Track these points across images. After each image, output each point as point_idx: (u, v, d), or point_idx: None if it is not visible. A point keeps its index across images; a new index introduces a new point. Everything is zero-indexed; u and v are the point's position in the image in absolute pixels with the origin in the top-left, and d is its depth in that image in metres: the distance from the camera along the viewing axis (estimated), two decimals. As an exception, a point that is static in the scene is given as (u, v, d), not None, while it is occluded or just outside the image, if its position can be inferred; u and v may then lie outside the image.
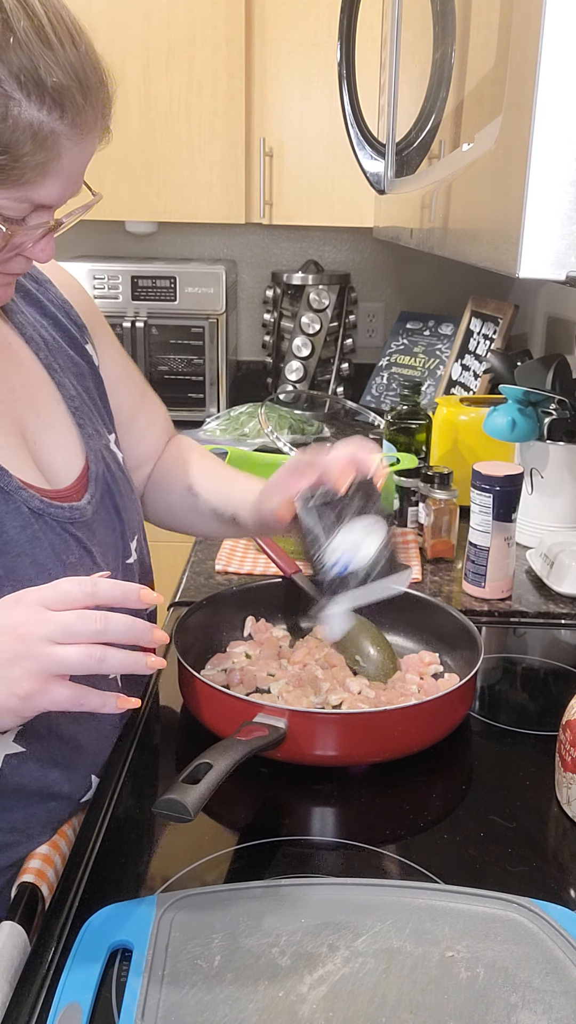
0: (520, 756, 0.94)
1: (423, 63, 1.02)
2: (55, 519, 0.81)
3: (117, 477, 0.92)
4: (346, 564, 0.80)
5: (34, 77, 0.65)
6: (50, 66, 0.66)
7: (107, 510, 0.89)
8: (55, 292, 0.94)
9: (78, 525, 0.84)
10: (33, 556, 0.78)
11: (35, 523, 0.79)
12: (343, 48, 1.33)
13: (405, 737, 0.89)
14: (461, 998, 0.62)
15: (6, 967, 0.67)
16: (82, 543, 0.83)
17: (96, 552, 0.85)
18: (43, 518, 0.80)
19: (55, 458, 0.86)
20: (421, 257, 2.53)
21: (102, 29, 2.14)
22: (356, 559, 0.80)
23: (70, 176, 0.72)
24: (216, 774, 0.73)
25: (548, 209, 0.58)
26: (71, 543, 0.82)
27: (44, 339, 0.89)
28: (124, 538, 0.92)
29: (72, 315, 0.95)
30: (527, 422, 1.41)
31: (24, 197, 0.69)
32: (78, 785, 0.85)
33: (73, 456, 0.88)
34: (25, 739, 0.79)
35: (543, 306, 2.15)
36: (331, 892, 0.72)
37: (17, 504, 0.78)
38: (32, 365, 0.87)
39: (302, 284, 2.34)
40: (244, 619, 1.14)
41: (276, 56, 2.14)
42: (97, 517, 0.87)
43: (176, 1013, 0.60)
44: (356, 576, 0.80)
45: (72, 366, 0.92)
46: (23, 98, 0.65)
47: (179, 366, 2.28)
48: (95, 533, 0.86)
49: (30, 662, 0.64)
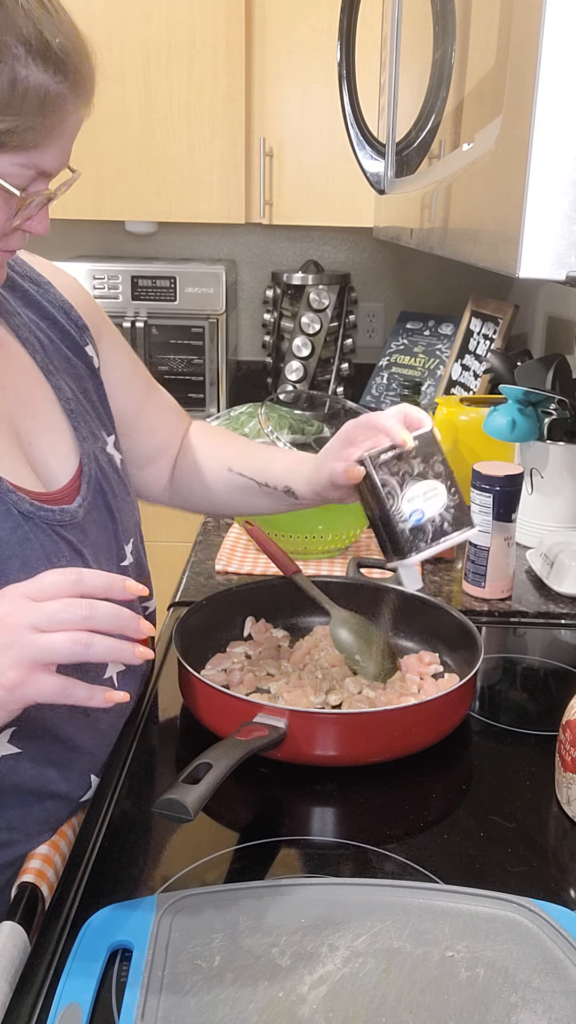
0: (520, 756, 0.94)
1: (423, 63, 1.02)
2: (45, 522, 0.81)
3: (112, 480, 0.92)
4: (423, 513, 0.86)
5: (40, 41, 0.67)
6: (54, 31, 0.68)
7: (100, 512, 0.89)
8: (55, 293, 0.94)
9: (69, 527, 0.84)
10: (24, 558, 0.78)
11: (25, 525, 0.79)
12: (343, 48, 1.33)
13: (405, 737, 0.89)
14: (461, 998, 0.62)
15: (6, 967, 0.67)
16: (73, 546, 0.83)
17: (88, 555, 0.85)
18: (33, 520, 0.80)
19: (50, 459, 0.86)
20: (421, 257, 2.53)
21: (102, 29, 2.14)
22: (430, 508, 0.86)
23: (68, 143, 0.74)
24: (216, 774, 0.73)
25: (548, 209, 0.58)
26: (62, 545, 0.82)
27: (40, 341, 0.90)
28: (118, 540, 0.92)
29: (72, 316, 0.95)
30: (527, 422, 1.41)
31: (30, 163, 0.71)
32: (76, 785, 0.85)
33: (67, 457, 0.88)
34: (20, 740, 0.79)
35: (543, 306, 2.15)
36: (331, 892, 0.72)
37: (7, 506, 0.78)
38: (28, 367, 0.87)
39: (302, 284, 2.34)
40: (244, 619, 1.14)
41: (276, 56, 2.14)
42: (90, 519, 0.87)
43: (176, 1013, 0.60)
44: (433, 523, 0.86)
45: (69, 368, 0.92)
46: (31, 61, 0.67)
47: (179, 366, 2.28)
48: (87, 535, 0.86)
49: (15, 651, 0.64)
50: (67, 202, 2.19)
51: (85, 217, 2.20)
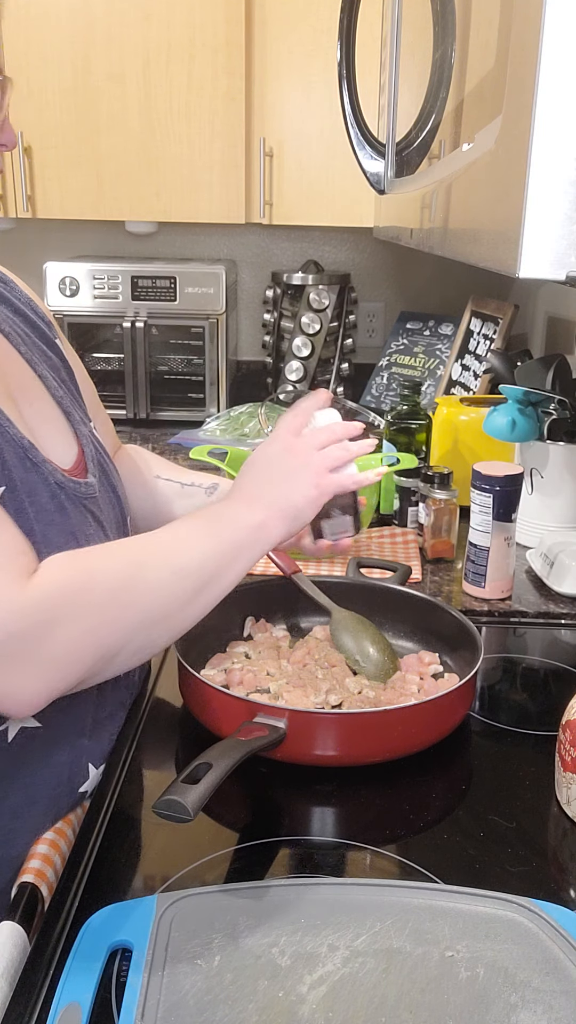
0: (520, 756, 0.94)
1: (423, 63, 1.02)
2: (75, 493, 0.84)
3: (107, 461, 0.96)
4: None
5: None
6: None
7: (107, 490, 0.93)
8: (20, 290, 0.97)
9: (91, 500, 0.87)
10: (62, 525, 0.80)
11: (61, 494, 0.82)
12: (343, 48, 1.33)
13: (405, 737, 0.89)
14: (461, 998, 0.62)
15: (6, 967, 0.67)
16: (96, 517, 0.87)
17: (108, 528, 0.89)
18: (65, 491, 0.83)
19: (53, 445, 0.88)
20: (421, 257, 2.53)
21: (102, 29, 2.14)
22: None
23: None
24: (216, 774, 0.73)
25: (548, 209, 0.58)
26: (88, 517, 0.86)
27: (19, 334, 0.91)
28: (123, 516, 0.96)
29: (39, 312, 0.98)
30: (527, 422, 1.41)
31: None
32: (76, 770, 0.86)
33: (68, 443, 0.90)
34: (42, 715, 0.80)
35: (543, 306, 2.15)
36: (331, 892, 0.72)
37: (44, 475, 0.81)
38: (15, 358, 0.89)
39: (302, 284, 2.34)
40: (244, 619, 1.14)
41: (276, 56, 2.14)
42: (102, 495, 0.91)
43: (176, 1013, 0.60)
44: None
45: (46, 360, 0.94)
46: None
47: (179, 366, 2.28)
48: (103, 510, 0.90)
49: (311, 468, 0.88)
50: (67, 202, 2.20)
51: (85, 217, 2.20)
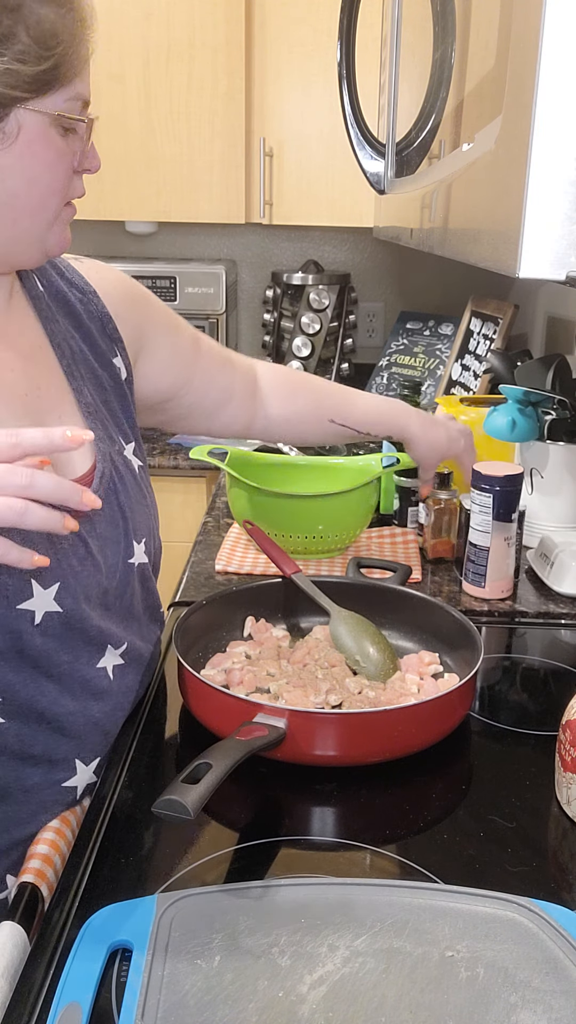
0: (520, 756, 0.94)
1: (423, 63, 1.02)
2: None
3: (127, 481, 0.95)
4: None
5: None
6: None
7: (111, 508, 0.92)
8: (97, 305, 0.99)
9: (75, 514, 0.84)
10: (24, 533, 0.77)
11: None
12: (343, 48, 1.33)
13: (405, 737, 0.89)
14: (461, 998, 0.62)
15: (6, 967, 0.67)
16: (78, 533, 0.86)
17: (93, 545, 0.88)
18: None
19: (69, 456, 0.89)
20: (421, 257, 2.53)
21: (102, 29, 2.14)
22: None
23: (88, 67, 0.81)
24: (216, 774, 0.73)
25: (548, 209, 0.58)
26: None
27: (71, 349, 0.94)
28: (128, 537, 0.94)
29: (108, 328, 0.99)
30: (527, 422, 1.41)
31: (76, 94, 0.78)
32: (59, 767, 0.86)
33: (83, 456, 0.91)
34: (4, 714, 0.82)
35: (543, 306, 2.15)
36: (331, 892, 0.72)
37: None
38: (55, 369, 0.91)
39: (302, 284, 2.34)
40: (244, 619, 1.14)
41: (276, 56, 2.14)
42: (99, 512, 0.90)
43: (176, 1013, 0.60)
44: None
45: (93, 378, 0.96)
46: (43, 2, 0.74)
47: (179, 366, 2.28)
48: (95, 527, 0.89)
49: None
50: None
51: (85, 217, 2.20)
